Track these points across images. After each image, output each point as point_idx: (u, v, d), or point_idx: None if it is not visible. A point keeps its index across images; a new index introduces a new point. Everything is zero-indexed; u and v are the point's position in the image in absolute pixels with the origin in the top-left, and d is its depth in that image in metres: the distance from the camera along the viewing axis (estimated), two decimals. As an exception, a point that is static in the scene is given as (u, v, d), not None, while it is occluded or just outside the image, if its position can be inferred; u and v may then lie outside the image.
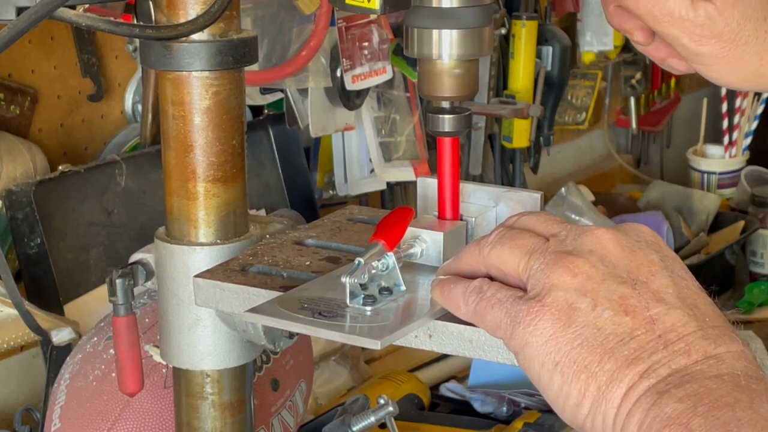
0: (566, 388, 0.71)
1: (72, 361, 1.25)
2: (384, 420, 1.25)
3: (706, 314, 0.72)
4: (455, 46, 0.87)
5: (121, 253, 1.55)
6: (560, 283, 0.73)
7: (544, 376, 0.73)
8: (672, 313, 0.71)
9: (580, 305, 0.72)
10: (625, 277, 0.73)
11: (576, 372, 0.71)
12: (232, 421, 0.98)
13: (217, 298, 0.90)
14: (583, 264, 0.73)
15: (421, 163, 1.95)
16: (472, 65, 0.88)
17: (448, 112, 0.88)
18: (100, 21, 0.84)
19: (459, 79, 0.88)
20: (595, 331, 0.71)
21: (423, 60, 0.88)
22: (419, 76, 0.89)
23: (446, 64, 0.87)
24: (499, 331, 0.75)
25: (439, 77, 0.88)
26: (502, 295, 0.76)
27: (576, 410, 0.71)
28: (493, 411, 1.66)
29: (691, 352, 0.70)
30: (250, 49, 0.92)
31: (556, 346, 0.72)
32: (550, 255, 0.75)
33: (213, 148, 0.93)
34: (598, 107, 2.75)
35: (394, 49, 1.89)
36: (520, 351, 0.74)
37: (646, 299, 0.72)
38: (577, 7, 2.46)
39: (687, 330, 0.71)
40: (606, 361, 0.70)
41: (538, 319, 0.73)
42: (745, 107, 2.64)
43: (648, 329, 0.71)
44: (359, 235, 0.98)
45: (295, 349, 1.28)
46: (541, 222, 0.79)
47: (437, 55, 0.87)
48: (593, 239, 0.75)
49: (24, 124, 1.59)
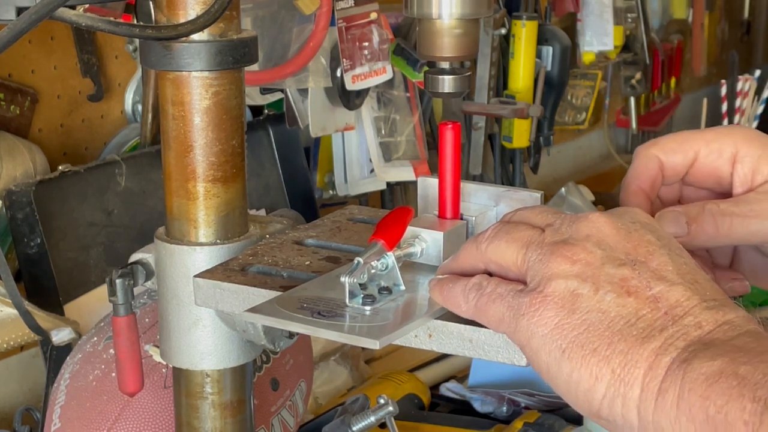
0: (576, 374, 0.70)
1: (72, 361, 1.25)
2: (384, 420, 1.25)
3: (706, 288, 0.72)
4: (455, 5, 0.87)
5: (121, 253, 1.55)
6: (560, 271, 0.73)
7: (552, 365, 0.72)
8: (674, 289, 0.71)
9: (582, 291, 0.72)
10: (623, 258, 0.73)
11: (585, 356, 0.70)
12: (232, 421, 0.98)
13: (217, 298, 0.90)
14: (580, 251, 0.73)
15: (421, 163, 1.95)
16: (472, 25, 0.88)
17: (447, 72, 0.88)
18: (100, 21, 0.84)
19: (459, 39, 0.87)
20: (600, 314, 0.71)
21: (423, 20, 0.88)
22: (419, 36, 0.89)
23: (446, 24, 0.87)
24: (503, 325, 0.75)
25: (439, 37, 0.87)
26: (503, 290, 0.75)
27: (589, 395, 0.70)
28: (493, 411, 1.66)
29: (702, 324, 0.69)
30: (250, 49, 0.92)
31: (562, 333, 0.71)
32: (547, 245, 0.75)
33: (213, 148, 0.93)
34: (598, 107, 2.75)
35: (394, 49, 1.89)
36: (526, 343, 0.73)
37: (646, 279, 0.72)
38: (577, 7, 2.46)
39: (691, 303, 0.70)
40: (616, 343, 0.69)
41: (541, 310, 0.72)
42: (745, 107, 2.65)
43: (653, 308, 0.70)
44: (359, 235, 0.98)
45: (295, 349, 1.28)
46: (536, 214, 0.79)
47: (437, 15, 0.87)
48: (588, 225, 0.75)
49: (24, 124, 1.59)
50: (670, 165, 0.89)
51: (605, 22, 2.49)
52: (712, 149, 0.88)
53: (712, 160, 0.89)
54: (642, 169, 0.90)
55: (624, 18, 2.59)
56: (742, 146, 0.88)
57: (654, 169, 0.90)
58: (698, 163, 0.89)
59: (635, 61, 2.75)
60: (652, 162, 0.90)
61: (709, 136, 0.89)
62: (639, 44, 2.71)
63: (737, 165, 0.88)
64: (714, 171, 0.89)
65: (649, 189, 0.90)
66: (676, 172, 0.90)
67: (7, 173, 1.49)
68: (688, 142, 0.89)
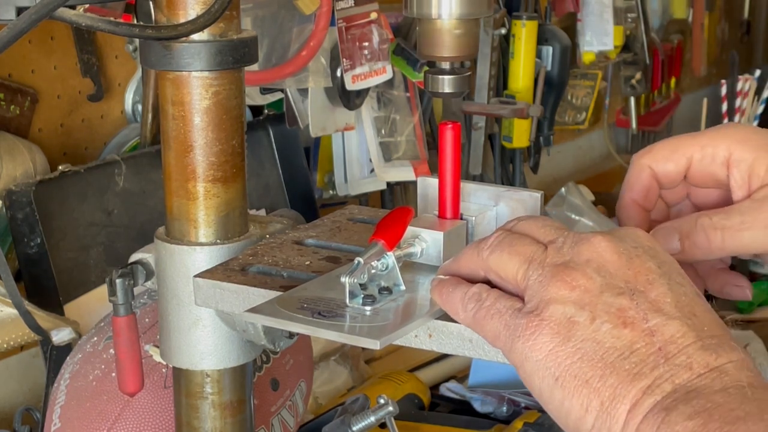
0: (567, 403, 0.71)
1: (72, 361, 1.25)
2: (384, 420, 1.25)
3: (704, 322, 0.72)
4: (455, 5, 0.87)
5: (121, 253, 1.55)
6: (558, 297, 0.73)
7: (545, 390, 0.72)
8: (670, 323, 0.71)
9: (578, 319, 0.72)
10: (623, 287, 0.73)
11: (577, 387, 0.71)
12: (232, 421, 0.98)
13: (217, 298, 0.90)
14: (580, 276, 0.73)
15: (421, 163, 1.95)
16: (472, 25, 0.88)
17: (447, 72, 0.88)
18: (100, 21, 0.84)
19: (459, 39, 0.87)
20: (594, 344, 0.71)
21: (423, 20, 0.88)
22: (419, 36, 0.89)
23: (446, 24, 0.87)
24: (498, 342, 0.75)
25: (439, 37, 0.87)
26: (501, 306, 0.75)
27: (579, 425, 0.71)
28: (493, 411, 1.66)
29: (693, 365, 0.69)
30: (250, 49, 0.92)
31: (556, 361, 0.71)
32: (548, 266, 0.74)
33: (213, 148, 0.93)
34: (598, 107, 2.75)
35: (394, 49, 1.89)
36: (520, 366, 0.74)
37: (644, 310, 0.72)
38: (577, 7, 2.46)
39: (686, 341, 0.70)
40: (608, 376, 0.70)
41: (537, 334, 0.72)
42: (745, 107, 2.65)
43: (647, 342, 0.70)
44: (359, 235, 0.98)
45: (295, 348, 1.28)
46: (539, 227, 0.78)
47: (437, 15, 0.87)
48: (590, 248, 0.75)
49: (24, 124, 1.59)
50: (663, 173, 0.89)
51: (605, 22, 2.49)
52: (706, 154, 0.88)
53: (705, 165, 0.88)
54: (634, 180, 0.90)
55: (624, 18, 2.59)
56: (735, 149, 0.87)
57: (646, 179, 0.90)
58: (693, 168, 0.89)
59: (635, 61, 2.75)
60: (644, 172, 0.90)
61: (703, 140, 0.89)
62: (639, 44, 2.71)
63: (732, 169, 0.87)
64: (711, 175, 0.89)
65: (643, 200, 0.90)
66: (671, 179, 0.90)
67: (7, 173, 1.49)
68: (681, 149, 0.89)
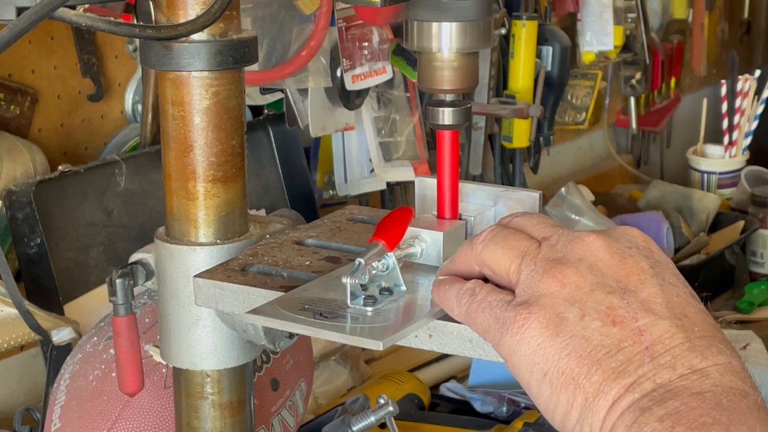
0: (554, 399, 0.71)
1: (72, 361, 1.25)
2: (384, 420, 1.25)
3: (695, 323, 0.72)
4: (455, 39, 0.87)
5: (121, 253, 1.55)
6: (549, 292, 0.73)
7: (533, 384, 0.73)
8: (660, 324, 0.71)
9: (568, 315, 0.72)
10: (614, 286, 0.73)
11: (564, 383, 0.71)
12: (232, 421, 0.98)
13: (217, 298, 0.90)
14: (572, 273, 0.73)
15: (421, 163, 1.95)
16: (472, 58, 0.88)
17: (447, 105, 0.88)
18: (100, 21, 0.84)
19: (459, 72, 0.88)
20: (582, 341, 0.71)
21: (423, 53, 0.88)
22: (419, 69, 0.89)
23: (446, 57, 0.87)
24: (488, 335, 0.76)
25: (439, 70, 0.88)
26: (493, 299, 0.76)
27: (564, 420, 0.71)
28: (493, 411, 1.66)
29: (677, 366, 0.69)
30: (250, 49, 0.92)
31: (544, 356, 0.72)
32: (541, 262, 0.75)
33: (213, 148, 0.93)
34: (598, 107, 2.75)
35: (394, 49, 1.89)
36: (508, 358, 0.74)
37: (634, 309, 0.72)
38: (577, 7, 2.46)
39: (674, 342, 0.70)
40: (593, 373, 0.70)
41: (525, 328, 0.73)
42: (745, 107, 2.65)
43: (635, 341, 0.70)
44: (359, 235, 0.98)
45: (295, 349, 1.28)
46: (534, 224, 0.79)
47: (437, 48, 0.87)
48: (583, 247, 0.75)
49: (24, 124, 1.59)
50: None
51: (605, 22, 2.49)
52: None
53: None
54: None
55: (624, 18, 2.59)
56: None
57: None
58: None
59: (635, 61, 2.75)
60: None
61: None
62: (639, 44, 2.71)
63: None
64: None
65: None
66: None
67: (7, 173, 1.49)
68: None
